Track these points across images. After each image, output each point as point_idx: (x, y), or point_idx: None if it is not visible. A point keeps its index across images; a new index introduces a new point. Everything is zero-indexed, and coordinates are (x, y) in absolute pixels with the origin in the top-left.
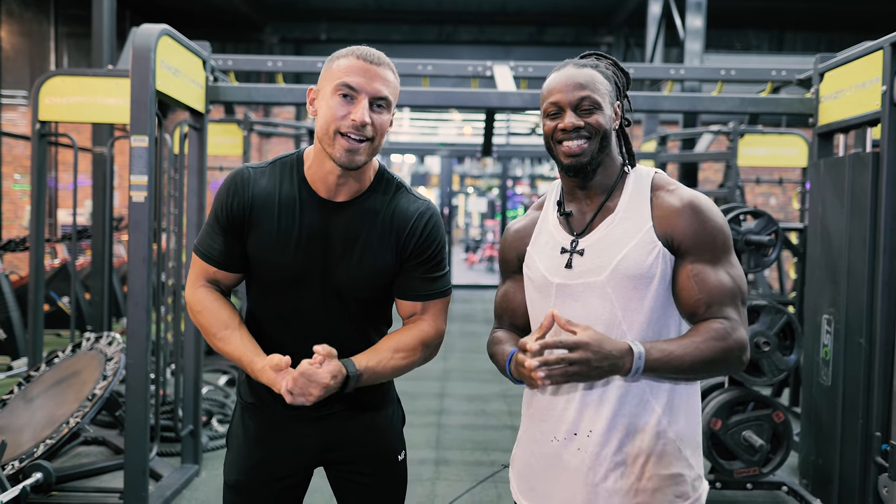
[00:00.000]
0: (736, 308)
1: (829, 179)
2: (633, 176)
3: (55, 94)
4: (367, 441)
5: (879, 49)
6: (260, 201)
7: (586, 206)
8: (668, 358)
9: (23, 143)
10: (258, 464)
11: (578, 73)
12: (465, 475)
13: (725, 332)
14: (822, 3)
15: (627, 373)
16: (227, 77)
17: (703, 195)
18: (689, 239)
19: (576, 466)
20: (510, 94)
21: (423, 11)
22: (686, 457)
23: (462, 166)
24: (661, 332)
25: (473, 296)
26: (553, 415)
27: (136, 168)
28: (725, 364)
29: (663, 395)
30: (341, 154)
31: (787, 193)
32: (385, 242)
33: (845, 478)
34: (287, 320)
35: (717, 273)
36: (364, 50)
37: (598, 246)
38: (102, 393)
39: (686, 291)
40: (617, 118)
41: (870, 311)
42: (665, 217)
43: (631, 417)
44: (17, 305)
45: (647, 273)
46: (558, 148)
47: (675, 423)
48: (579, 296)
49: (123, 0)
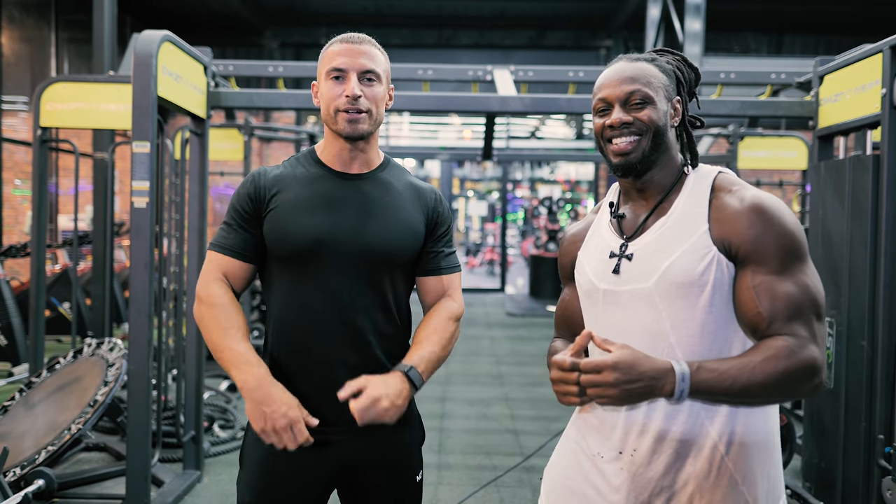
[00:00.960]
0: (806, 324)
1: (829, 182)
2: (694, 176)
3: (57, 100)
4: (386, 461)
5: (879, 52)
6: (277, 181)
7: (641, 207)
8: (718, 379)
9: (23, 149)
10: (274, 486)
11: (629, 66)
12: (468, 479)
13: (790, 350)
14: (820, 6)
15: (670, 395)
16: (227, 82)
17: (773, 196)
18: (748, 245)
19: (617, 486)
20: (510, 98)
21: (423, 15)
22: (742, 491)
23: (462, 170)
24: (719, 350)
25: (474, 299)
26: (602, 431)
27: (138, 174)
28: (790, 388)
29: (721, 416)
30: (344, 126)
31: (788, 196)
32: (411, 206)
33: (848, 481)
34: (315, 311)
35: (782, 284)
36: (346, 35)
37: (648, 250)
38: (104, 399)
39: (745, 304)
40: (676, 115)
41: (871, 313)
42: (723, 220)
43: (680, 440)
44: (18, 311)
45: (699, 281)
46: (608, 147)
47: (735, 453)
48: (626, 304)
49: (124, 5)
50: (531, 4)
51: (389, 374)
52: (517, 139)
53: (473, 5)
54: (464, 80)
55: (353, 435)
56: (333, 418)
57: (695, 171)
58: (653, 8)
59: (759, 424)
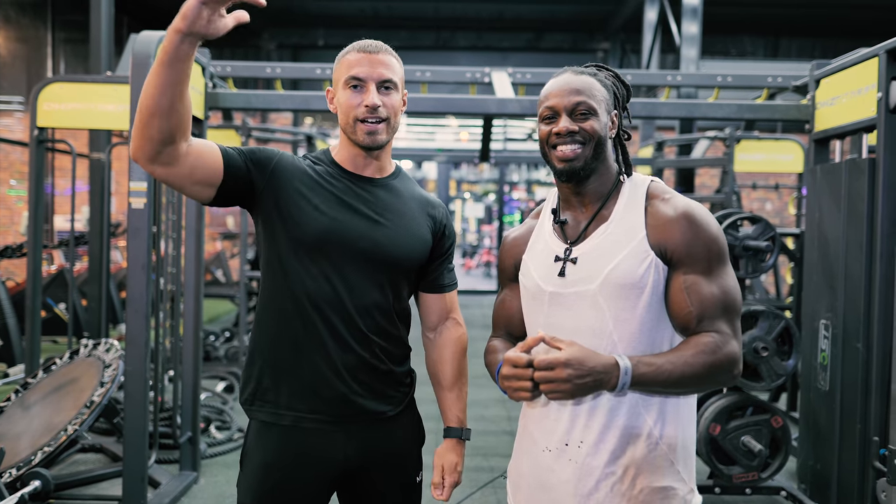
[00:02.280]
0: (728, 321)
1: (825, 185)
2: (629, 184)
3: (54, 100)
4: (386, 464)
5: (875, 56)
6: (295, 165)
7: (581, 214)
8: (655, 372)
9: (19, 149)
10: (275, 488)
11: (575, 79)
12: (465, 481)
13: (716, 345)
14: (816, 9)
15: (613, 388)
16: (225, 83)
17: (699, 204)
18: (682, 249)
19: (566, 478)
20: (508, 100)
21: (420, 18)
22: (678, 470)
23: (459, 172)
24: (654, 345)
25: (471, 301)
26: (545, 425)
27: (136, 174)
28: (714, 378)
29: (655, 406)
30: (364, 137)
31: (783, 198)
32: (421, 217)
33: (844, 482)
34: (317, 304)
35: (710, 285)
36: (364, 43)
37: (592, 254)
38: (100, 400)
39: (678, 304)
40: (614, 127)
41: (867, 315)
42: (659, 226)
43: (622, 428)
44: (13, 312)
45: (639, 283)
46: (553, 153)
47: (666, 436)
48: (571, 305)
49: (121, 6)
50: (529, 7)
51: (450, 448)
52: (514, 141)
53: (471, 7)
54: (461, 83)
55: (358, 431)
56: (330, 415)
57: (629, 179)
58: (650, 11)
59: (681, 401)
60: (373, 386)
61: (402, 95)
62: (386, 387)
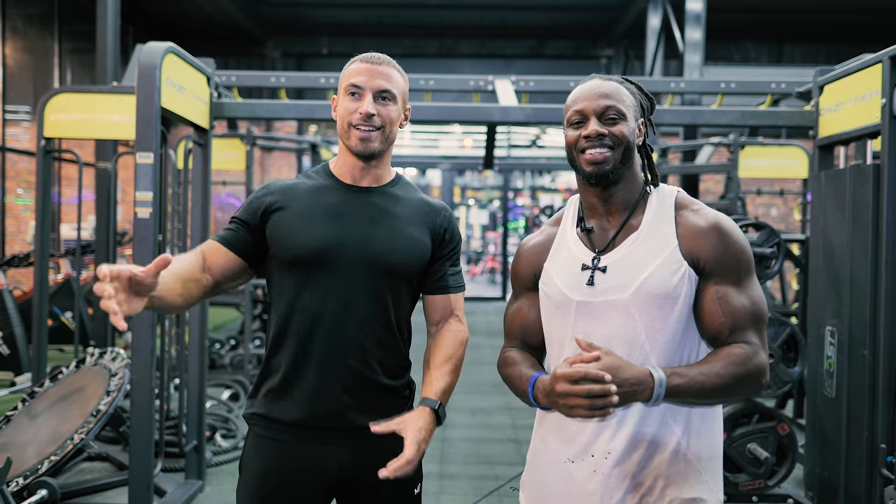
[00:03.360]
0: (757, 332)
1: (830, 191)
2: (657, 194)
3: (60, 110)
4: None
5: (879, 62)
6: (285, 191)
7: (607, 222)
8: (688, 384)
9: (26, 159)
10: (273, 496)
11: (604, 84)
12: (470, 489)
13: (746, 357)
14: (820, 15)
15: (648, 399)
16: (230, 92)
17: (727, 216)
18: (713, 260)
19: (592, 489)
20: (512, 108)
21: (424, 25)
22: (706, 480)
23: (463, 178)
24: (683, 354)
25: (476, 308)
26: (566, 435)
27: (142, 184)
28: (743, 389)
29: (682, 416)
30: (356, 143)
31: (788, 204)
32: (418, 221)
33: (851, 490)
34: (316, 318)
35: (740, 296)
36: (368, 55)
37: (622, 264)
38: (107, 409)
39: (711, 314)
40: (641, 135)
41: (873, 322)
42: (690, 236)
43: (651, 439)
44: (20, 321)
45: (673, 293)
46: (581, 157)
47: (694, 446)
48: (601, 314)
49: (127, 16)
50: (532, 14)
51: (421, 415)
52: (518, 148)
53: (474, 15)
54: (465, 90)
55: (350, 442)
56: (322, 428)
57: (656, 189)
58: (653, 17)
59: (709, 411)
60: (367, 399)
61: (404, 110)
62: (381, 400)
